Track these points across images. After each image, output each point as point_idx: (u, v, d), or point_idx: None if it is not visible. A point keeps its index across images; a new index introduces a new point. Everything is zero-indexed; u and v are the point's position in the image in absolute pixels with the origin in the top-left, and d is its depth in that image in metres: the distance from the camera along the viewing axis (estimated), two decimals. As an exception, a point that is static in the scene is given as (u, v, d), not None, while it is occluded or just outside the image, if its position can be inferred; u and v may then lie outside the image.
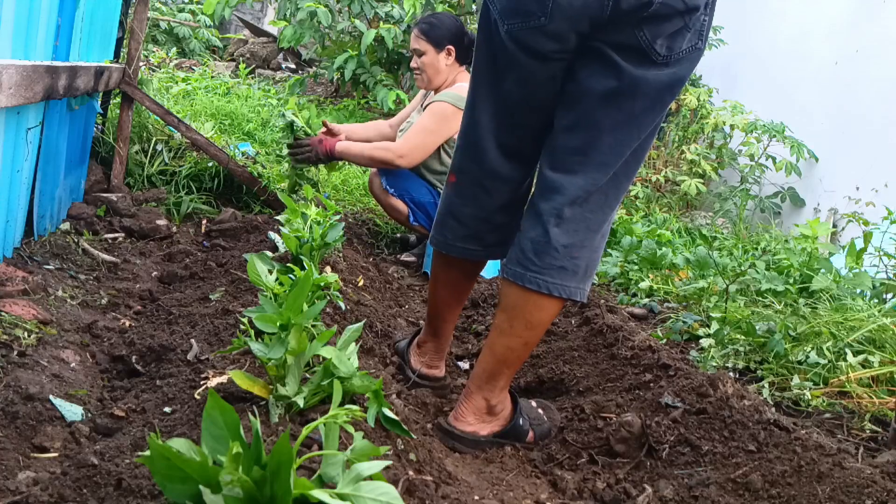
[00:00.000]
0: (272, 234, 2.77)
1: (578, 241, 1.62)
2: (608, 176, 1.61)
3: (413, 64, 3.35)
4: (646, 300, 3.11)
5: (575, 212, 1.61)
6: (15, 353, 1.69)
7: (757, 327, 2.48)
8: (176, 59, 7.08)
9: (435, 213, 3.33)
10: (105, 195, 3.17)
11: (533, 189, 1.75)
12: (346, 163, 3.64)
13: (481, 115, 1.74)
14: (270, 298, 1.54)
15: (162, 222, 3.12)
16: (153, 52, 6.97)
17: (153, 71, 5.54)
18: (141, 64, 3.59)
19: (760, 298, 2.91)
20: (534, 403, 1.87)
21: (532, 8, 1.54)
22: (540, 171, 1.70)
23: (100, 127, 3.53)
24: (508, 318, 1.67)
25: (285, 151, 3.33)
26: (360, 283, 2.65)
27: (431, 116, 3.17)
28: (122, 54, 3.54)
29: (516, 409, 1.79)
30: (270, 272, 1.72)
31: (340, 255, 2.76)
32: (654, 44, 1.53)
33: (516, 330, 1.66)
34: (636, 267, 3.47)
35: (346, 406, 1.11)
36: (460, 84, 3.23)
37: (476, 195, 1.79)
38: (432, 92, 3.35)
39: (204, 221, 3.39)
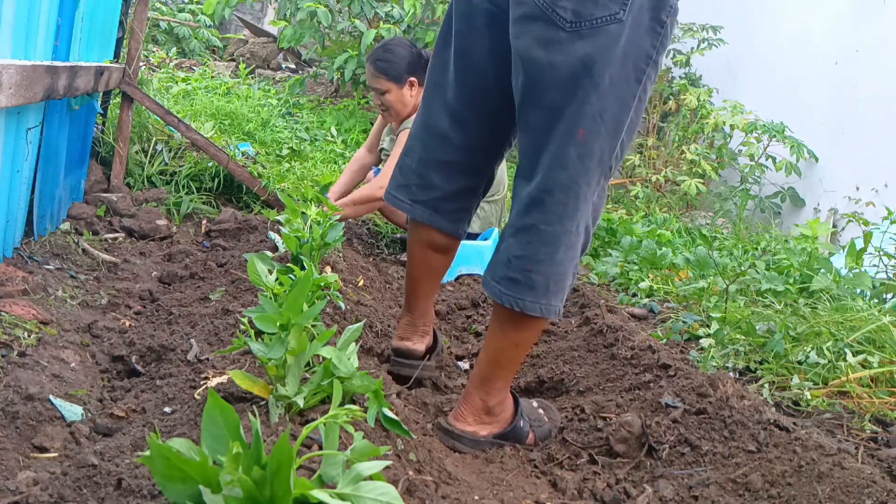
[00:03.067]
0: (272, 234, 2.77)
1: (531, 254, 1.55)
2: (558, 182, 1.52)
3: (376, 101, 3.27)
4: (646, 300, 3.11)
5: (527, 221, 1.55)
6: (15, 353, 1.69)
7: (757, 327, 2.48)
8: (176, 59, 7.08)
9: None
10: (105, 195, 3.17)
11: None
12: (341, 165, 3.66)
13: (432, 72, 1.78)
14: (270, 298, 1.54)
15: (162, 222, 3.12)
16: (153, 52, 6.96)
17: (153, 71, 5.54)
18: (141, 64, 3.59)
19: (760, 298, 2.91)
20: (535, 404, 1.87)
21: None
22: None
23: (100, 127, 3.52)
24: (498, 319, 1.68)
25: None
26: (360, 283, 2.65)
27: (399, 145, 3.14)
28: (122, 54, 3.54)
29: (517, 412, 1.79)
30: (270, 272, 1.72)
31: (340, 255, 2.75)
32: (555, 7, 1.44)
33: (505, 331, 1.66)
34: (636, 267, 3.47)
35: (346, 406, 1.11)
36: None
37: (413, 147, 1.82)
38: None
39: (204, 221, 3.40)
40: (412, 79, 3.17)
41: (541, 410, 1.85)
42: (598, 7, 1.43)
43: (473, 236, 3.33)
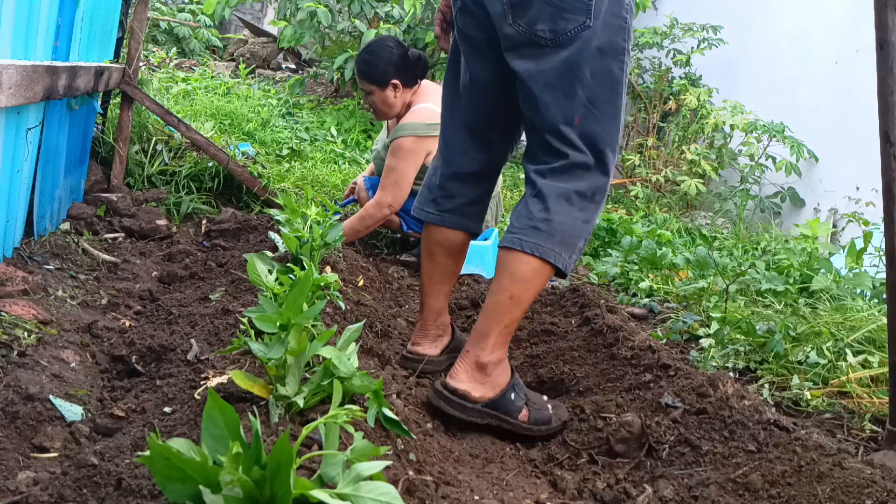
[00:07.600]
0: (272, 234, 2.77)
1: (548, 206, 1.76)
2: (567, 157, 1.77)
3: (365, 103, 3.33)
4: (646, 300, 3.11)
5: (542, 185, 1.78)
6: (15, 353, 1.69)
7: (757, 327, 2.48)
8: (176, 59, 7.08)
9: None
10: (105, 195, 3.17)
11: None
12: (341, 165, 3.65)
13: (448, 96, 2.00)
14: (270, 298, 1.54)
15: (162, 222, 3.12)
16: (153, 52, 6.96)
17: (153, 71, 5.54)
18: (141, 64, 3.59)
19: (760, 298, 2.91)
20: (545, 398, 1.90)
21: None
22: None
23: (100, 127, 3.53)
24: (497, 276, 1.79)
25: None
26: (360, 283, 2.64)
27: (394, 157, 3.17)
28: (122, 54, 3.54)
29: (511, 382, 1.80)
30: (270, 272, 1.72)
31: (340, 255, 2.75)
32: (534, 30, 1.71)
33: (502, 283, 1.76)
34: (636, 267, 3.47)
35: (346, 406, 1.11)
36: (417, 107, 3.20)
37: (437, 166, 2.04)
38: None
39: (204, 221, 3.40)
40: (395, 81, 3.17)
41: (549, 405, 1.87)
42: (568, 21, 1.71)
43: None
